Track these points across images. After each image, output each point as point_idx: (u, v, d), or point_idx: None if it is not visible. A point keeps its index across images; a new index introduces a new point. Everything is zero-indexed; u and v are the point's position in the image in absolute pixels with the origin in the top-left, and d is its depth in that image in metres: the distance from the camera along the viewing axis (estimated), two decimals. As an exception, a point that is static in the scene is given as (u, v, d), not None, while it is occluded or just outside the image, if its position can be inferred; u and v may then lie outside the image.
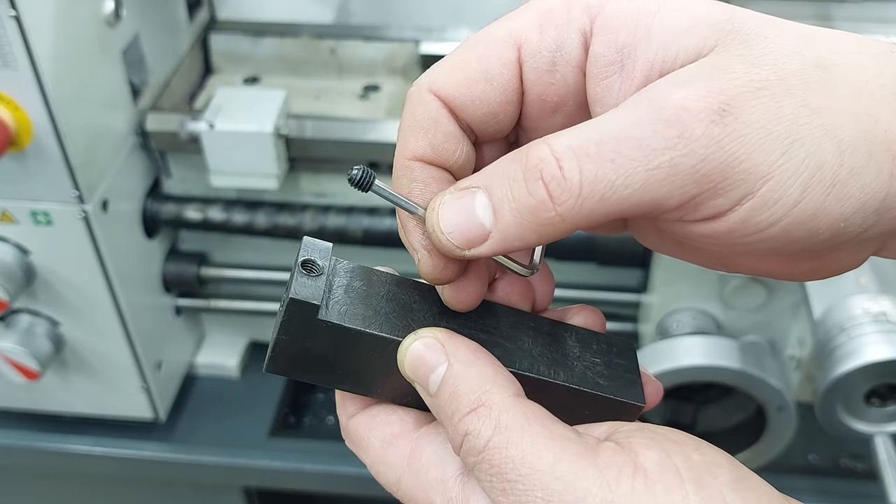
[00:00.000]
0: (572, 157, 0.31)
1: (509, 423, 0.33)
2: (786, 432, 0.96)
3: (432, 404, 0.36)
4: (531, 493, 0.32)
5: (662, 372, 0.92)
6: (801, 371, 0.97)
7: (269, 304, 1.20)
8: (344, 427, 0.41)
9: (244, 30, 1.21)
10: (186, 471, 1.19)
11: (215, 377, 1.28)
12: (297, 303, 0.36)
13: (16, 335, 1.03)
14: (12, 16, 0.81)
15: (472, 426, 0.34)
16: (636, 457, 0.32)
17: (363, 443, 0.40)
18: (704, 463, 0.32)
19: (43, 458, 1.19)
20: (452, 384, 0.35)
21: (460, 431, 0.34)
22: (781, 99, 0.30)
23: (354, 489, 1.18)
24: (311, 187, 1.11)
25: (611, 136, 0.31)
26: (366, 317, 0.38)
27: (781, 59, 0.31)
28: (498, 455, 0.33)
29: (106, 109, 0.99)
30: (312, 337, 0.37)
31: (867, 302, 0.81)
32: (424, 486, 0.37)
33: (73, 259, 0.99)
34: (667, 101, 0.30)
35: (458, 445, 0.34)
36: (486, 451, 0.33)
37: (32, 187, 0.93)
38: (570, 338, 0.41)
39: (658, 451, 0.32)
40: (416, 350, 0.36)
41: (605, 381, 0.40)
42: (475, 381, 0.35)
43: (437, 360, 0.36)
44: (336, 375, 0.39)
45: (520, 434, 0.33)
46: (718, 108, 0.30)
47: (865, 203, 0.30)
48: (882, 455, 0.83)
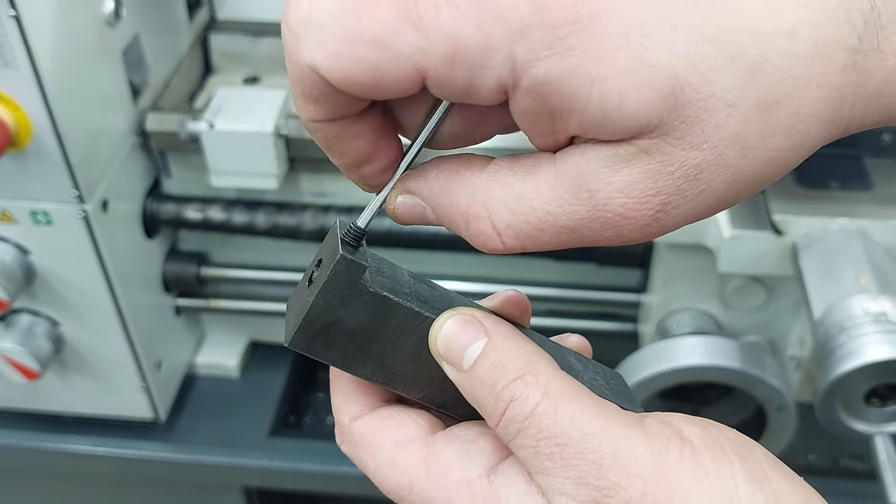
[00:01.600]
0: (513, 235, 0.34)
1: (558, 389, 0.34)
2: (786, 432, 0.96)
3: (465, 380, 0.36)
4: (582, 457, 0.32)
5: (662, 372, 0.92)
6: (801, 371, 0.97)
7: (270, 304, 1.20)
8: (345, 428, 0.40)
9: (244, 30, 1.21)
10: (186, 471, 1.19)
11: (215, 377, 1.28)
12: (346, 261, 0.35)
13: (16, 335, 1.03)
14: (12, 16, 0.81)
15: (518, 392, 0.34)
16: (681, 430, 0.33)
17: (369, 445, 0.39)
18: (741, 440, 0.33)
19: (43, 458, 1.19)
20: (495, 356, 0.35)
21: (505, 398, 0.34)
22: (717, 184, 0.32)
23: (354, 489, 1.18)
24: (311, 187, 1.11)
25: (549, 224, 0.33)
26: (401, 294, 0.37)
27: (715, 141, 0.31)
28: (547, 419, 0.33)
29: (106, 109, 0.99)
30: (348, 305, 0.36)
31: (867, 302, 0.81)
32: (445, 487, 0.36)
33: (73, 259, 0.99)
34: (608, 204, 0.32)
35: (499, 413, 0.34)
36: (534, 416, 0.33)
37: (32, 187, 0.93)
38: (571, 357, 0.42)
39: (699, 428, 0.33)
40: (453, 325, 0.36)
41: (609, 394, 0.40)
42: (519, 352, 0.35)
43: (475, 335, 0.36)
44: (360, 356, 0.38)
45: (568, 400, 0.33)
46: (656, 211, 0.32)
47: None
48: (882, 455, 0.83)
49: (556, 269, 1.11)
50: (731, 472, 0.32)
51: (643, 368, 0.93)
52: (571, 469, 0.32)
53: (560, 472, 0.32)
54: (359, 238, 0.37)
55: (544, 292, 1.13)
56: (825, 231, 0.88)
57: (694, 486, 0.31)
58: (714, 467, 0.32)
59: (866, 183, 0.93)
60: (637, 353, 0.96)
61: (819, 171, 0.94)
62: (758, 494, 0.31)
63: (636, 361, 0.95)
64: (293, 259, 1.16)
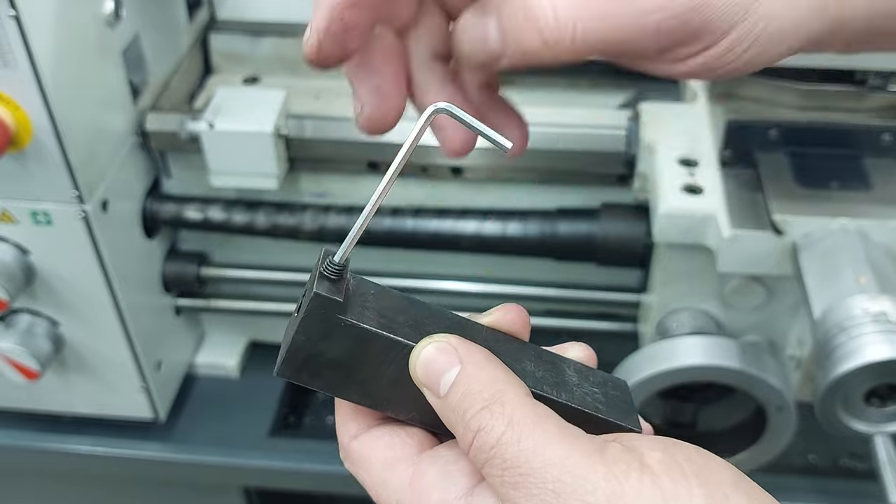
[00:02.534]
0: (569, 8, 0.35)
1: (522, 418, 0.34)
2: (786, 432, 0.96)
3: (441, 406, 0.37)
4: (542, 486, 0.32)
5: (662, 372, 0.92)
6: (801, 371, 0.97)
7: (269, 305, 1.20)
8: (345, 447, 0.41)
9: (244, 30, 1.21)
10: (186, 471, 1.19)
11: (215, 377, 1.28)
12: (319, 298, 0.37)
13: (15, 335, 1.03)
14: (12, 16, 0.81)
15: (485, 422, 0.34)
16: (642, 456, 0.33)
17: (365, 464, 0.40)
18: (706, 463, 0.33)
19: (43, 458, 1.19)
20: (465, 383, 0.36)
21: (472, 428, 0.35)
22: None
23: (354, 489, 1.17)
24: (311, 187, 1.11)
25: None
26: (381, 324, 0.38)
27: None
28: (510, 449, 0.33)
29: (106, 109, 0.99)
30: (328, 338, 0.38)
31: (867, 302, 0.81)
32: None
33: (73, 259, 0.99)
34: None
35: (468, 443, 0.35)
36: (499, 445, 0.34)
37: (32, 187, 0.93)
38: (569, 369, 0.43)
39: (662, 452, 0.33)
40: (430, 353, 0.37)
41: (603, 407, 0.41)
42: (488, 380, 0.36)
43: (451, 363, 0.36)
44: (345, 384, 0.39)
45: (532, 429, 0.34)
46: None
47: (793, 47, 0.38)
48: (882, 455, 0.83)
49: (555, 269, 1.11)
50: (688, 497, 0.32)
51: (643, 368, 0.93)
52: (533, 498, 0.33)
53: (524, 501, 0.33)
54: (339, 271, 0.38)
55: (544, 292, 1.13)
56: (825, 231, 0.88)
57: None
58: (673, 491, 0.32)
59: (866, 183, 0.93)
60: (637, 353, 0.96)
61: (819, 171, 0.94)
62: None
63: (636, 361, 0.95)
64: (293, 259, 1.16)
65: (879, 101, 0.94)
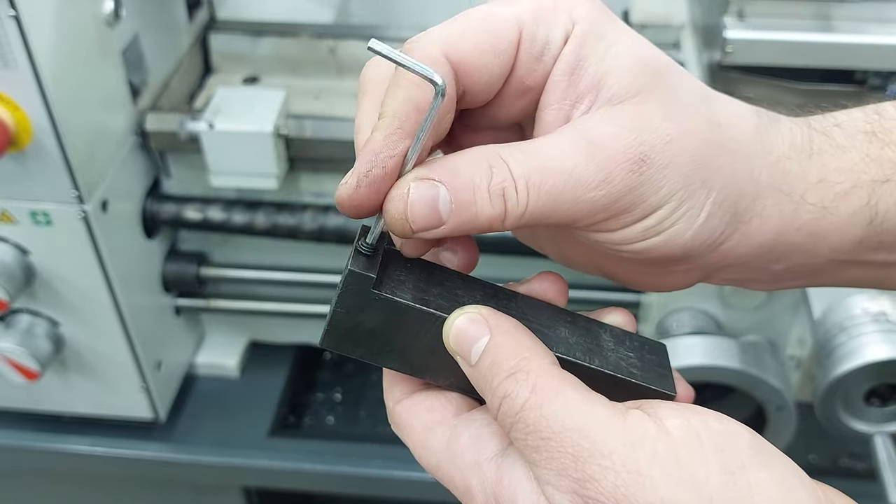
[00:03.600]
0: (524, 185, 0.37)
1: (545, 385, 0.36)
2: (785, 432, 0.96)
3: (472, 374, 0.39)
4: (563, 450, 0.35)
5: (662, 372, 0.92)
6: (801, 371, 0.97)
7: (269, 305, 1.20)
8: (390, 412, 0.43)
9: (244, 30, 1.21)
10: (186, 471, 1.19)
11: (215, 377, 1.28)
12: (354, 274, 0.39)
13: (16, 335, 1.03)
14: (12, 15, 0.81)
15: (510, 389, 0.36)
16: (661, 422, 0.35)
17: (406, 428, 0.42)
18: (725, 430, 0.35)
19: (43, 458, 1.19)
20: (494, 352, 0.38)
21: (499, 394, 0.37)
22: (680, 154, 0.39)
23: (354, 489, 1.18)
24: (310, 187, 1.11)
25: (555, 172, 0.38)
26: (415, 296, 0.40)
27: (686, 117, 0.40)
28: (532, 415, 0.36)
29: (105, 109, 0.99)
30: (365, 311, 0.40)
31: (867, 302, 0.81)
32: (462, 469, 0.39)
33: (73, 259, 0.99)
34: (602, 149, 0.38)
35: (496, 408, 0.37)
36: (523, 411, 0.36)
37: (32, 187, 0.93)
38: (605, 333, 0.44)
39: (681, 419, 0.35)
40: (462, 323, 0.39)
41: (638, 372, 0.42)
42: (514, 349, 0.38)
43: (481, 332, 0.39)
44: (385, 352, 0.41)
45: (553, 396, 0.36)
46: (638, 159, 0.38)
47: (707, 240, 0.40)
48: (882, 455, 0.83)
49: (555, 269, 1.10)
50: (704, 463, 0.33)
51: (643, 368, 0.93)
52: (554, 461, 0.35)
53: (545, 464, 0.35)
54: (374, 247, 0.40)
55: (544, 292, 1.12)
56: (825, 231, 0.88)
57: (664, 477, 0.33)
58: (687, 458, 0.34)
59: (866, 183, 0.93)
60: (637, 353, 0.96)
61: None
62: (729, 485, 0.33)
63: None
64: (293, 259, 1.16)
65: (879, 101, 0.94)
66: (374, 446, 1.18)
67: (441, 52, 0.39)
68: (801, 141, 0.43)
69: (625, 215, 0.39)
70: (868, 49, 0.87)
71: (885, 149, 0.43)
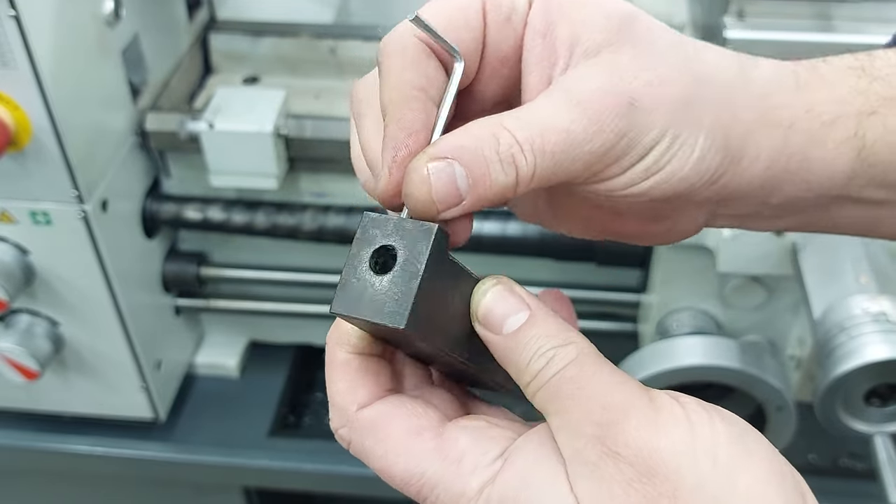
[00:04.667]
0: (530, 149, 0.38)
1: (588, 359, 0.38)
2: (785, 432, 0.96)
3: (503, 344, 0.39)
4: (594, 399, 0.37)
5: (662, 372, 0.92)
6: (801, 371, 0.97)
7: (269, 305, 1.20)
8: (350, 415, 0.40)
9: (244, 30, 1.21)
10: (186, 471, 1.19)
11: (215, 377, 1.27)
12: (441, 232, 0.39)
13: (15, 335, 1.03)
14: (12, 15, 0.81)
15: (558, 353, 0.38)
16: (682, 402, 0.37)
17: (380, 433, 0.40)
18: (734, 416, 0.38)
19: (43, 458, 1.19)
20: (539, 326, 0.38)
21: (549, 356, 0.38)
22: (664, 94, 0.40)
23: (354, 489, 1.18)
24: (310, 187, 1.11)
25: (554, 132, 0.39)
26: None
27: (664, 60, 0.41)
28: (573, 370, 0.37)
29: (105, 109, 0.99)
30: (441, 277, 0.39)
31: (867, 302, 0.81)
32: (461, 473, 0.38)
33: (73, 259, 0.99)
34: (590, 103, 0.39)
35: (538, 368, 0.38)
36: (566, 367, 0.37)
37: (32, 187, 0.93)
38: None
39: (697, 404, 0.37)
40: (500, 291, 0.40)
41: None
42: (559, 328, 0.39)
43: (520, 305, 0.39)
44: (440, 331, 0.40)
45: (596, 363, 0.38)
46: (626, 104, 0.39)
47: (705, 175, 0.41)
48: (882, 455, 0.83)
49: (556, 269, 1.11)
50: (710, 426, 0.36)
51: (643, 368, 0.93)
52: (583, 406, 0.36)
53: (574, 410, 0.36)
54: None
55: (544, 292, 1.12)
56: (825, 231, 0.88)
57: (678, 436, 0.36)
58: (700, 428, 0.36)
59: (866, 183, 0.93)
60: (637, 353, 0.96)
61: (819, 171, 0.94)
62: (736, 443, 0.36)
63: (636, 361, 0.95)
64: (293, 259, 1.16)
65: (879, 101, 0.94)
66: (374, 446, 1.18)
67: (414, 34, 0.40)
68: (787, 76, 0.43)
69: (623, 159, 0.40)
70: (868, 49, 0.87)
71: (874, 83, 0.43)
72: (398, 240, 0.39)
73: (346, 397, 0.41)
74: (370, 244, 0.39)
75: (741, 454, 0.36)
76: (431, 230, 0.38)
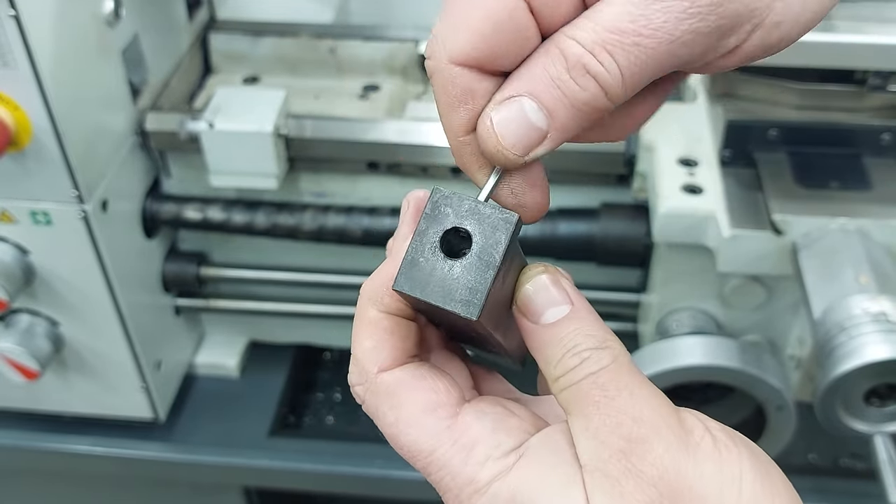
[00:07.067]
0: (603, 51, 0.34)
1: (626, 361, 0.37)
2: (785, 432, 0.96)
3: (540, 334, 0.38)
4: (625, 412, 0.36)
5: (662, 372, 0.92)
6: (801, 371, 0.97)
7: (269, 305, 1.20)
8: (370, 376, 0.40)
9: (244, 30, 1.21)
10: (186, 471, 1.19)
11: (215, 377, 1.27)
12: (519, 221, 0.37)
13: (15, 335, 1.03)
14: (12, 15, 0.81)
15: (594, 353, 0.37)
16: (710, 428, 0.36)
17: (395, 400, 0.39)
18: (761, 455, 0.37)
19: (43, 458, 1.19)
20: (581, 322, 0.38)
21: (584, 356, 0.37)
22: None
23: (354, 489, 1.18)
24: (310, 187, 1.11)
25: (626, 24, 0.34)
26: None
27: None
28: (607, 376, 0.36)
29: (105, 109, 0.99)
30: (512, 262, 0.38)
31: (867, 302, 0.81)
32: (468, 461, 0.37)
33: (73, 259, 0.99)
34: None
35: (571, 366, 0.37)
36: (601, 371, 0.36)
37: (32, 187, 0.93)
38: None
39: (724, 433, 0.36)
40: (544, 281, 0.39)
41: None
42: (602, 328, 0.38)
43: (563, 298, 0.38)
44: None
45: (630, 373, 0.37)
46: None
47: None
48: (882, 455, 0.83)
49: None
50: (738, 460, 0.35)
51: (643, 368, 0.93)
52: (612, 418, 0.35)
53: (601, 418, 0.36)
54: None
55: (544, 292, 1.12)
56: (825, 231, 0.88)
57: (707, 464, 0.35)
58: (727, 456, 0.35)
59: (866, 183, 0.93)
60: (637, 353, 0.96)
61: (819, 171, 0.94)
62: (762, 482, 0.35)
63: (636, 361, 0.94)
64: (293, 259, 1.16)
65: (879, 101, 0.94)
66: (374, 446, 1.18)
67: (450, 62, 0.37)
68: None
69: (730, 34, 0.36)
70: (868, 49, 0.87)
71: None
72: (474, 224, 0.37)
73: (370, 356, 0.40)
74: (441, 223, 0.38)
75: (766, 490, 0.35)
76: (511, 220, 0.37)
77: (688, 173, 0.95)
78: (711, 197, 0.92)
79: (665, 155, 0.96)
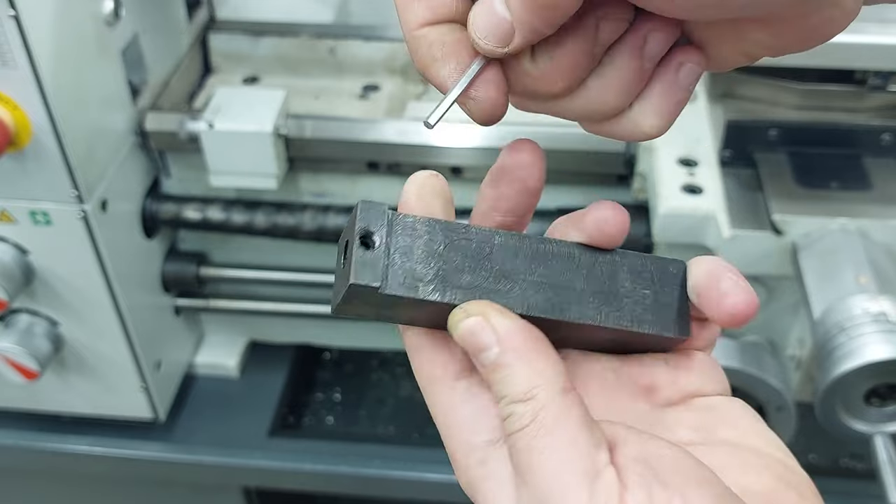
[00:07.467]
0: None
1: (547, 420, 0.36)
2: (785, 432, 0.96)
3: (482, 370, 0.38)
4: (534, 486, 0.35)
5: (662, 372, 0.92)
6: (801, 371, 0.97)
7: (269, 305, 1.20)
8: None
9: (243, 30, 1.21)
10: (186, 471, 1.19)
11: (215, 377, 1.27)
12: (357, 287, 0.38)
13: (15, 335, 1.03)
14: (12, 15, 0.81)
15: (517, 410, 0.36)
16: (625, 491, 0.34)
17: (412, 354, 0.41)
18: None
19: (42, 458, 1.19)
20: (506, 372, 0.37)
21: (506, 412, 0.37)
22: None
23: (354, 489, 1.18)
24: (310, 187, 1.11)
25: None
26: (424, 280, 0.39)
27: None
28: (523, 442, 0.36)
29: (105, 109, 0.99)
30: (369, 301, 0.39)
31: (867, 302, 0.81)
32: (452, 441, 0.39)
33: (73, 259, 0.99)
34: None
35: (503, 416, 0.37)
36: (518, 435, 0.36)
37: (31, 187, 0.93)
38: (623, 270, 0.42)
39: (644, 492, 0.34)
40: (469, 327, 0.38)
41: (651, 316, 0.42)
42: (526, 375, 0.37)
43: (489, 343, 0.38)
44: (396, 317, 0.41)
45: (550, 432, 0.36)
46: None
47: None
48: (882, 455, 0.83)
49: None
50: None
51: (643, 368, 0.93)
52: (525, 487, 0.35)
53: (521, 479, 0.36)
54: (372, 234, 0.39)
55: (544, 292, 1.12)
56: (825, 231, 0.88)
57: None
58: None
59: (866, 183, 0.93)
60: (637, 353, 0.96)
61: (819, 171, 0.94)
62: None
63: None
64: (292, 259, 1.16)
65: (879, 101, 0.94)
66: (374, 446, 1.18)
67: None
68: None
69: None
70: (868, 49, 0.87)
71: None
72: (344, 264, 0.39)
73: None
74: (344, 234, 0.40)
75: None
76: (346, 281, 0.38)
77: (688, 173, 0.95)
78: (711, 197, 0.92)
79: (665, 155, 0.96)
